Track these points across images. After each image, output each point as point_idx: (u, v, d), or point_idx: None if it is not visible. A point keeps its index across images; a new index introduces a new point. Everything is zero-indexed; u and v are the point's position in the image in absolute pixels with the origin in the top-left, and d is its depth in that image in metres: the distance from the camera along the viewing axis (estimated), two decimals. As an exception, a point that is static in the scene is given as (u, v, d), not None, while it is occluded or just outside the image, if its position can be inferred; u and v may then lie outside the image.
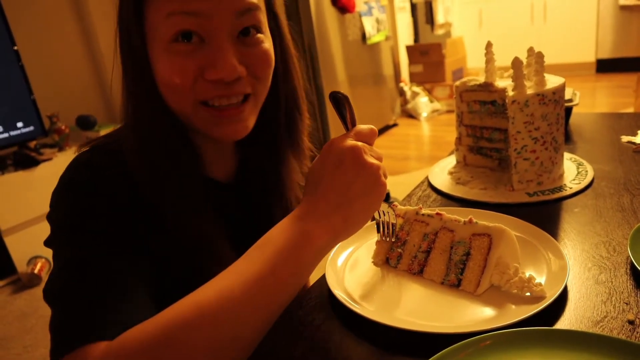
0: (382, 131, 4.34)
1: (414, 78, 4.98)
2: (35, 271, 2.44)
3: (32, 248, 2.52)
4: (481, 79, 0.98)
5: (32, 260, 2.50)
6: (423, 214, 0.69)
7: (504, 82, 0.96)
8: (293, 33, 0.72)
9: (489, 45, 0.98)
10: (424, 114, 4.65)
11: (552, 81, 0.91)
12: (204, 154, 0.68)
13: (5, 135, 2.53)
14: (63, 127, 2.79)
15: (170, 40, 0.57)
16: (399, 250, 0.69)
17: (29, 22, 2.87)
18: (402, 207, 0.72)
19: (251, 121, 0.65)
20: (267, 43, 0.63)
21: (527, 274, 0.60)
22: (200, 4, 0.55)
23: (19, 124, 2.58)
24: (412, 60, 4.95)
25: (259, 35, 0.61)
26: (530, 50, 0.97)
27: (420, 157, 3.86)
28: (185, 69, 0.57)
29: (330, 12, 3.69)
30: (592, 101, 4.37)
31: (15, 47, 2.53)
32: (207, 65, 0.57)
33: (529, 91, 0.86)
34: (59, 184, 0.61)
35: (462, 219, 0.65)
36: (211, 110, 0.61)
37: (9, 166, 2.56)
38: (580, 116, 1.34)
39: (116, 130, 0.68)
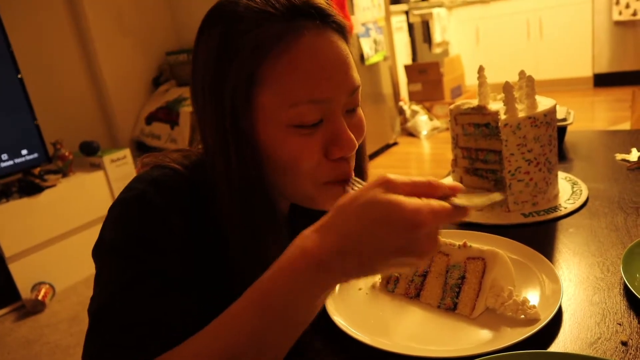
0: (382, 150, 4.36)
1: (413, 97, 5.02)
2: (39, 297, 2.44)
3: (36, 274, 2.53)
4: (475, 101, 1.00)
5: (36, 287, 2.51)
6: (419, 238, 0.70)
7: (497, 105, 0.98)
8: None
9: (481, 69, 1.00)
10: (424, 132, 4.67)
11: (544, 103, 0.93)
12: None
13: (10, 162, 2.57)
14: (67, 154, 2.82)
15: (292, 125, 0.57)
16: (396, 274, 0.70)
17: (33, 51, 2.93)
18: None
19: None
20: (360, 110, 0.65)
21: (521, 297, 0.61)
22: (325, 92, 0.57)
23: (24, 152, 2.62)
24: (410, 79, 5.00)
25: (359, 107, 0.64)
26: (522, 73, 1.00)
27: (422, 175, 3.84)
28: (311, 148, 0.58)
29: (328, 34, 3.73)
30: (590, 115, 4.40)
31: (20, 75, 2.58)
32: (329, 143, 0.59)
33: (521, 114, 0.88)
34: (126, 193, 0.59)
35: (457, 243, 0.67)
36: (339, 189, 0.61)
37: (13, 193, 2.58)
38: (576, 134, 1.36)
39: (194, 161, 0.65)
